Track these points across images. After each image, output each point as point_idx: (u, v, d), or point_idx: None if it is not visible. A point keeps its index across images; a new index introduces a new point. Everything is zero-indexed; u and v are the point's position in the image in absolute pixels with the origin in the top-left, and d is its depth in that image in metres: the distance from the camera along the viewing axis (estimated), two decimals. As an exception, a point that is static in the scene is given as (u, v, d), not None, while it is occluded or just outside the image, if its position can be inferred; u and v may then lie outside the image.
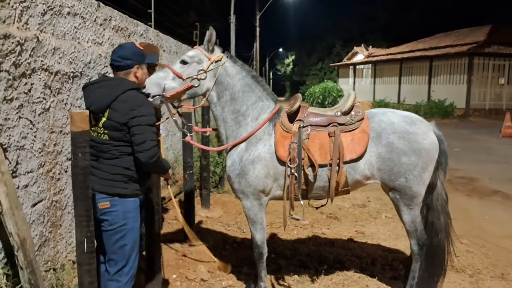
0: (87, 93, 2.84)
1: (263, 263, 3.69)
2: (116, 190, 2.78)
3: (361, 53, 38.37)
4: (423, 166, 3.48)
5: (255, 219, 3.63)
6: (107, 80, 2.88)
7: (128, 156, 2.80)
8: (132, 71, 2.90)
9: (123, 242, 2.83)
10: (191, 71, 3.44)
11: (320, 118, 3.59)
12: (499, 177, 8.93)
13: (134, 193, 2.88)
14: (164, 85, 3.34)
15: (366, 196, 7.21)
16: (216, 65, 3.50)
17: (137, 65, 2.92)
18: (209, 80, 3.50)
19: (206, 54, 3.48)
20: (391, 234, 5.40)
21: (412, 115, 3.70)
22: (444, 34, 31.49)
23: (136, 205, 2.90)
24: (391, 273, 4.26)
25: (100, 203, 2.75)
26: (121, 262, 2.84)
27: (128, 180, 2.82)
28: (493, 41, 25.09)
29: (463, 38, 27.14)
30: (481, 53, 24.34)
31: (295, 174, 3.44)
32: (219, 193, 7.20)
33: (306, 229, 5.58)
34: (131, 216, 2.85)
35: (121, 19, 4.98)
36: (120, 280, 2.83)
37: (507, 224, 5.98)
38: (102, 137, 2.77)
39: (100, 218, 2.79)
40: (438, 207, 3.69)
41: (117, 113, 2.71)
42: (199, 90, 3.50)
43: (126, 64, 2.86)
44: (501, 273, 4.37)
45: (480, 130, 17.72)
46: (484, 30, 26.80)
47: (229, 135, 3.64)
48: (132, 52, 2.90)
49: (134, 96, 2.78)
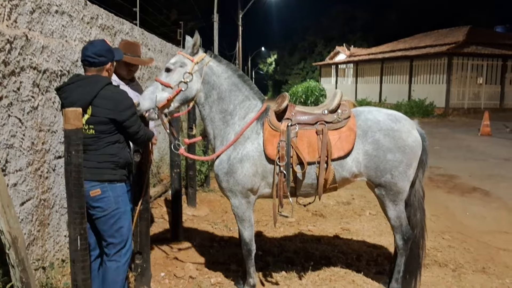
0: (65, 94, 2.90)
1: (251, 260, 3.73)
2: (105, 176, 2.95)
3: (343, 53, 38.69)
4: (408, 162, 3.57)
5: (243, 217, 3.67)
6: (82, 79, 2.94)
7: (113, 144, 2.99)
8: (105, 68, 3.01)
9: (119, 224, 3.02)
10: (177, 76, 3.46)
11: (308, 117, 3.65)
12: (478, 174, 9.14)
13: (122, 178, 3.08)
14: (156, 97, 3.36)
15: (350, 194, 7.31)
16: (200, 65, 3.52)
17: (110, 62, 3.04)
18: (196, 82, 3.51)
19: (188, 57, 3.50)
20: (375, 231, 5.50)
21: (396, 113, 3.78)
22: (424, 35, 32.00)
23: (124, 190, 3.11)
24: (376, 268, 4.35)
25: (92, 191, 2.88)
26: (120, 244, 3.04)
27: (115, 166, 3.00)
28: (471, 42, 25.63)
29: (442, 39, 27.61)
30: (460, 53, 24.83)
31: (284, 172, 3.49)
32: (205, 192, 7.22)
33: (293, 226, 5.64)
34: (122, 200, 3.04)
35: (108, 17, 4.97)
36: (119, 261, 3.04)
37: (487, 220, 6.14)
38: (88, 132, 2.88)
39: (92, 206, 2.93)
40: (415, 204, 3.79)
41: (101, 109, 2.85)
42: (188, 94, 3.51)
43: (100, 61, 2.95)
44: (482, 267, 4.50)
45: (459, 128, 18.07)
46: (463, 31, 27.32)
47: (217, 135, 3.67)
48: (106, 49, 3.00)
49: (113, 91, 2.94)
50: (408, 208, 3.79)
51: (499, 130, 16.33)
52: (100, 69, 2.98)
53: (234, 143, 3.55)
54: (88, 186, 2.82)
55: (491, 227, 5.82)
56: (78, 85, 2.88)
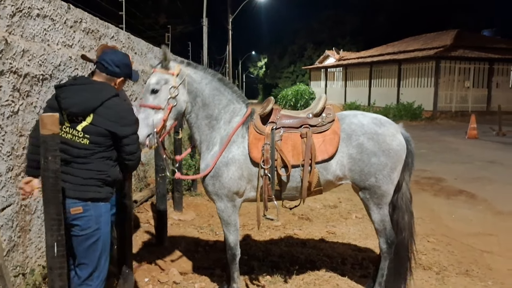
0: (65, 94, 2.68)
1: (236, 265, 3.72)
2: (90, 194, 2.70)
3: (333, 57, 38.89)
4: (392, 166, 3.60)
5: (229, 221, 3.67)
6: (89, 82, 2.77)
7: (105, 160, 2.75)
8: (116, 80, 2.87)
9: (94, 246, 2.76)
10: (164, 95, 3.40)
11: (293, 120, 3.68)
12: (464, 177, 9.21)
13: (107, 197, 2.81)
14: (152, 122, 3.31)
15: (337, 197, 7.32)
16: (181, 76, 3.49)
17: (123, 78, 2.91)
18: (182, 93, 3.49)
19: (167, 71, 3.45)
20: (361, 234, 5.51)
21: (381, 117, 3.81)
22: (412, 38, 32.25)
23: (107, 209, 2.84)
24: (361, 272, 4.36)
25: (72, 208, 2.65)
26: (92, 265, 2.77)
27: (102, 184, 2.75)
28: (459, 45, 25.90)
29: (430, 42, 27.86)
30: (447, 57, 25.07)
31: (269, 175, 3.51)
32: (192, 196, 7.19)
33: (279, 230, 5.64)
34: (103, 220, 2.79)
35: (92, 21, 4.94)
36: (90, 284, 2.78)
37: (472, 223, 6.18)
38: (81, 141, 2.67)
39: (70, 223, 2.67)
40: (403, 206, 3.81)
41: (103, 120, 2.66)
42: (179, 107, 3.49)
43: (113, 70, 2.82)
44: (465, 269, 4.53)
45: (446, 131, 18.22)
46: (451, 35, 27.59)
47: (203, 140, 3.67)
48: (124, 63, 2.89)
49: (119, 104, 2.75)
50: (396, 211, 3.81)
51: (485, 133, 16.48)
52: (110, 78, 2.83)
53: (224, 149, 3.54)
54: (69, 201, 2.64)
55: (476, 230, 5.86)
56: (83, 88, 2.70)
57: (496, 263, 4.74)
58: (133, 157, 2.83)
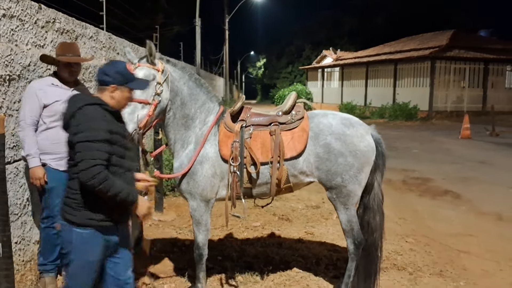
0: None
1: (202, 265, 3.72)
2: (65, 215, 2.49)
3: (330, 57, 38.82)
4: (359, 167, 3.59)
5: (200, 220, 3.68)
6: (71, 97, 2.62)
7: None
8: (108, 89, 2.59)
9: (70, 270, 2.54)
10: (152, 90, 3.37)
11: (262, 118, 3.72)
12: (453, 177, 9.19)
13: (84, 223, 2.46)
14: (137, 117, 3.28)
15: (321, 198, 7.28)
16: (165, 73, 3.49)
17: (114, 85, 2.60)
18: (165, 91, 3.48)
19: (153, 67, 3.43)
20: (340, 234, 5.45)
21: (351, 118, 3.81)
22: (409, 38, 32.22)
23: (84, 240, 2.47)
24: (334, 272, 4.34)
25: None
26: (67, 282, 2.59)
27: (76, 205, 2.47)
28: (454, 46, 25.85)
29: (426, 42, 27.82)
30: (443, 57, 25.03)
31: (237, 172, 3.51)
32: (175, 196, 7.16)
33: (257, 230, 5.61)
34: (77, 247, 2.48)
35: (67, 21, 4.92)
36: None
37: (454, 223, 6.16)
38: None
39: None
40: (375, 207, 3.80)
41: (70, 130, 2.49)
42: (163, 105, 3.48)
43: (103, 79, 2.59)
44: (439, 270, 4.51)
45: (440, 132, 18.18)
46: (447, 35, 27.53)
47: (177, 139, 3.67)
48: (115, 71, 2.60)
49: (86, 112, 2.46)
50: (368, 211, 3.81)
51: (479, 133, 16.44)
52: (102, 89, 2.60)
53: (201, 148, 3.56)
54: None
55: (457, 230, 5.84)
56: (67, 102, 2.58)
57: (472, 263, 4.72)
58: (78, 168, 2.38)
